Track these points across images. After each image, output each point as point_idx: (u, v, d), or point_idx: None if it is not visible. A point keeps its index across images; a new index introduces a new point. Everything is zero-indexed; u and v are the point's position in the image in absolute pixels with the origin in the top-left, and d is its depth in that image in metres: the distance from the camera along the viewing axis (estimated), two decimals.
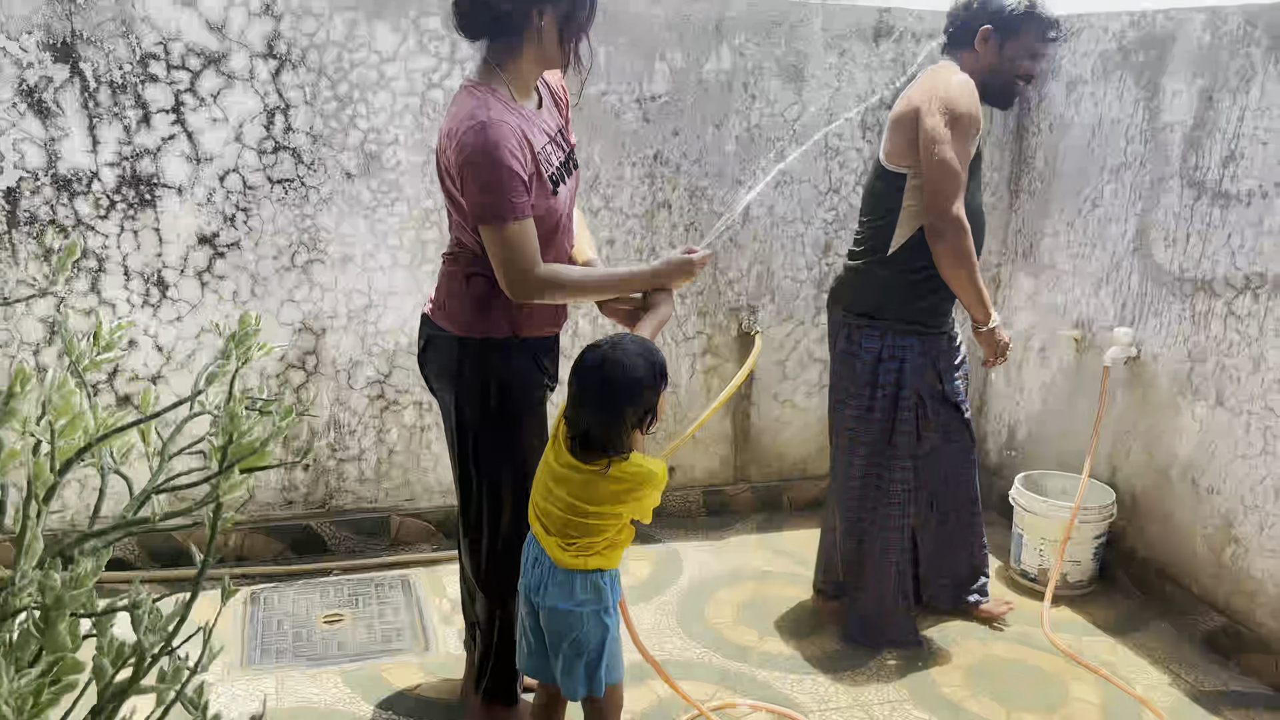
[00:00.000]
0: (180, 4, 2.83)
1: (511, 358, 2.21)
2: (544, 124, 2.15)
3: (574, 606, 1.99)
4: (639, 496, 1.96)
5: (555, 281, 2.09)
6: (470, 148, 1.96)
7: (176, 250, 3.01)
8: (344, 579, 3.22)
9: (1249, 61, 2.87)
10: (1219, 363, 2.99)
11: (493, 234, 2.01)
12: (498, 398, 2.21)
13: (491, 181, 1.96)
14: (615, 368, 1.92)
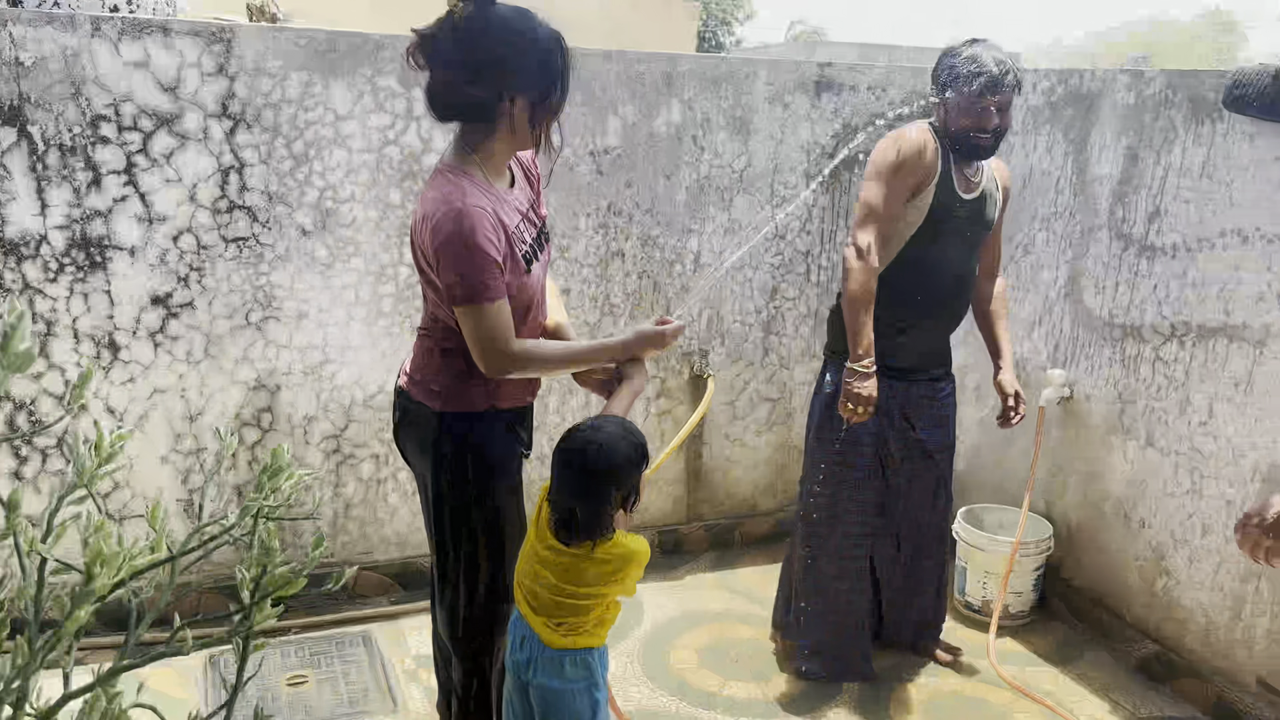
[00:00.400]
0: (132, 65, 2.79)
1: (489, 430, 2.24)
2: (516, 202, 2.18)
3: (565, 685, 2.02)
4: (623, 576, 1.99)
5: (530, 357, 2.12)
6: (445, 233, 1.98)
7: (128, 312, 2.95)
8: (304, 637, 3.19)
9: (1170, 123, 3.05)
10: (1148, 405, 3.17)
11: (468, 315, 2.03)
12: (476, 470, 2.23)
13: (467, 266, 1.99)
14: (598, 452, 1.94)
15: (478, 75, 1.98)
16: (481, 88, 2.00)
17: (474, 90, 2.00)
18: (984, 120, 2.73)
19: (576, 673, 2.03)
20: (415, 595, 3.45)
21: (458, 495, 2.25)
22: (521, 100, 2.03)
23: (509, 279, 2.08)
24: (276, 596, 1.27)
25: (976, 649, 3.29)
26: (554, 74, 2.04)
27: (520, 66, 2.00)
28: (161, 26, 2.80)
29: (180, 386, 3.07)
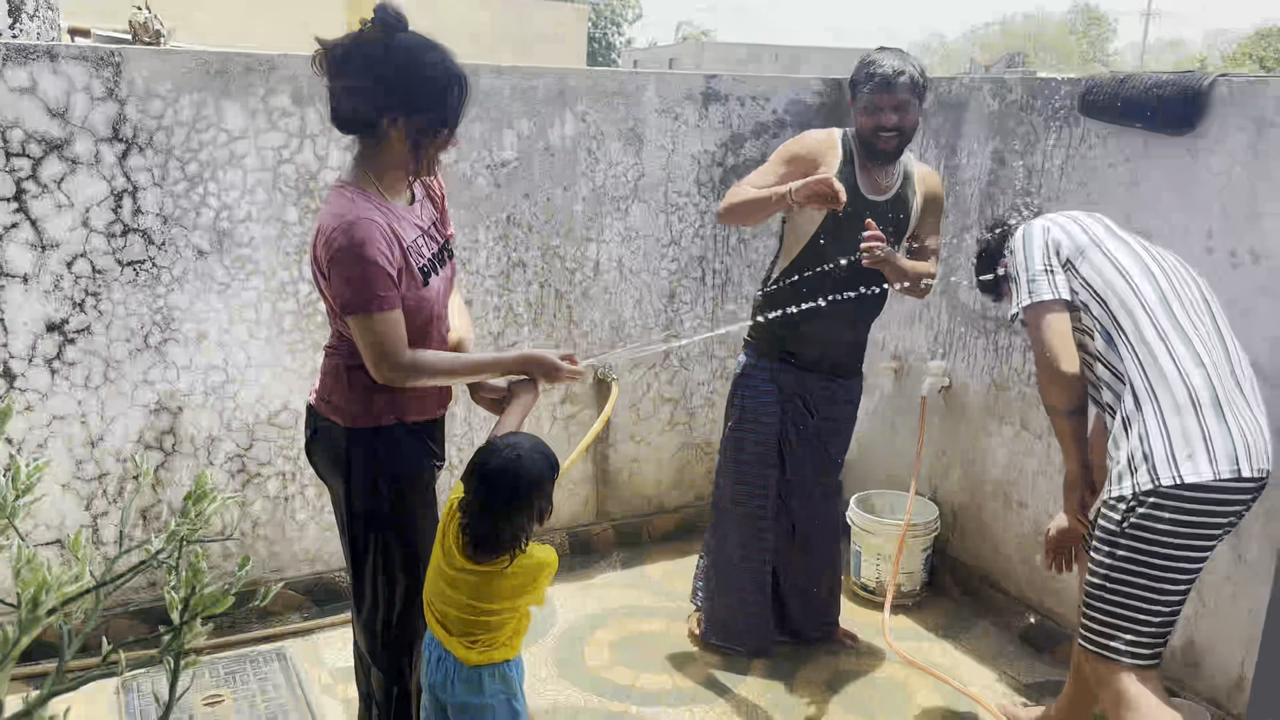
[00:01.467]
0: (18, 91, 2.76)
1: (400, 444, 2.29)
2: (416, 219, 2.23)
3: (485, 700, 2.06)
4: (534, 587, 2.04)
5: (420, 367, 2.16)
6: (337, 245, 2.03)
7: (23, 340, 2.92)
8: (219, 656, 3.19)
9: (1032, 128, 3.28)
10: (1020, 391, 3.39)
11: (359, 325, 2.08)
12: (387, 484, 2.28)
13: (356, 276, 2.03)
14: (521, 472, 1.98)
15: (365, 93, 2.04)
16: (366, 106, 2.06)
17: (360, 107, 2.07)
18: (881, 119, 2.87)
19: (494, 686, 2.07)
20: (328, 610, 3.47)
21: (370, 510, 2.29)
22: (401, 125, 2.08)
23: (405, 291, 2.13)
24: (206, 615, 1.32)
25: (872, 628, 3.48)
26: (441, 108, 2.09)
27: (406, 93, 2.06)
28: (48, 52, 2.78)
29: (80, 412, 3.04)
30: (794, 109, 3.99)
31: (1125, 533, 2.22)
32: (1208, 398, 2.20)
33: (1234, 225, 2.73)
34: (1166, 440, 2.19)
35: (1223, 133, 2.74)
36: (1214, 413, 2.19)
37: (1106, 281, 2.34)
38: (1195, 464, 2.15)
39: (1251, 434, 2.20)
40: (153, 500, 3.20)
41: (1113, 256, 2.37)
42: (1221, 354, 2.27)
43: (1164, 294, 2.31)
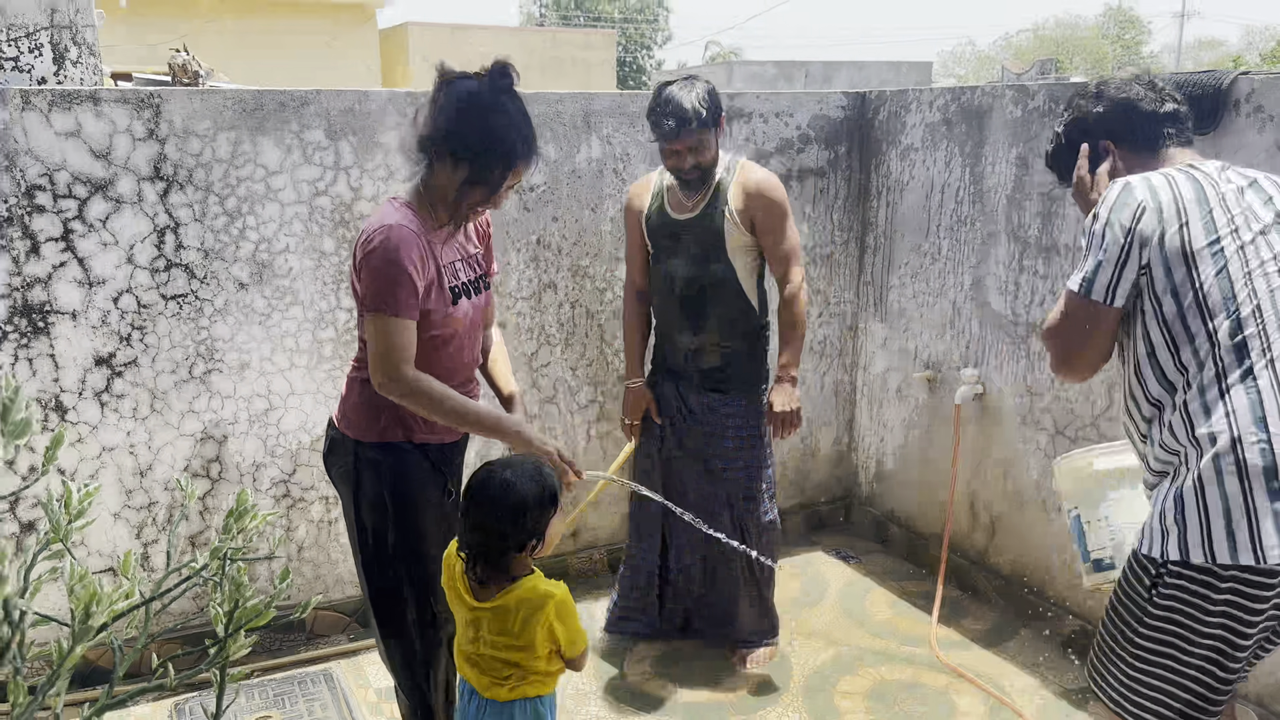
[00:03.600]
0: (64, 135, 2.87)
1: (405, 463, 2.31)
2: (458, 244, 2.32)
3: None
4: (549, 624, 2.00)
5: (418, 389, 2.16)
6: (373, 244, 2.12)
7: (73, 374, 3.02)
8: (267, 679, 3.26)
9: None
10: (1055, 396, 3.39)
11: (373, 323, 2.14)
12: (393, 500, 2.31)
13: (383, 276, 2.11)
14: (503, 487, 1.97)
15: (435, 125, 2.17)
16: (432, 136, 2.18)
17: (428, 134, 2.19)
18: (680, 161, 2.99)
19: (530, 715, 2.07)
20: (373, 631, 3.53)
21: (376, 523, 2.34)
22: (456, 171, 2.17)
23: (433, 307, 2.20)
24: (249, 627, 1.37)
25: (918, 638, 3.47)
26: (485, 171, 2.16)
27: (462, 142, 2.15)
28: (91, 96, 2.89)
29: (129, 443, 3.13)
30: (817, 124, 4.03)
31: (1154, 601, 1.84)
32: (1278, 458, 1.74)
33: None
34: (1202, 509, 1.78)
35: (1245, 130, 2.73)
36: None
37: (1188, 306, 1.82)
38: (1235, 545, 1.74)
39: None
40: (201, 527, 3.29)
41: (1220, 274, 1.81)
42: None
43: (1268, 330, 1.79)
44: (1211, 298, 1.80)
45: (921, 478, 4.06)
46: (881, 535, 4.30)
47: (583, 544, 3.95)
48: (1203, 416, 1.79)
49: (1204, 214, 1.84)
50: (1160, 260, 1.84)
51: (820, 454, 4.40)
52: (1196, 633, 1.80)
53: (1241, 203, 1.87)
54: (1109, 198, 1.90)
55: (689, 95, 2.91)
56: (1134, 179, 1.92)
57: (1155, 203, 1.86)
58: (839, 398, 4.38)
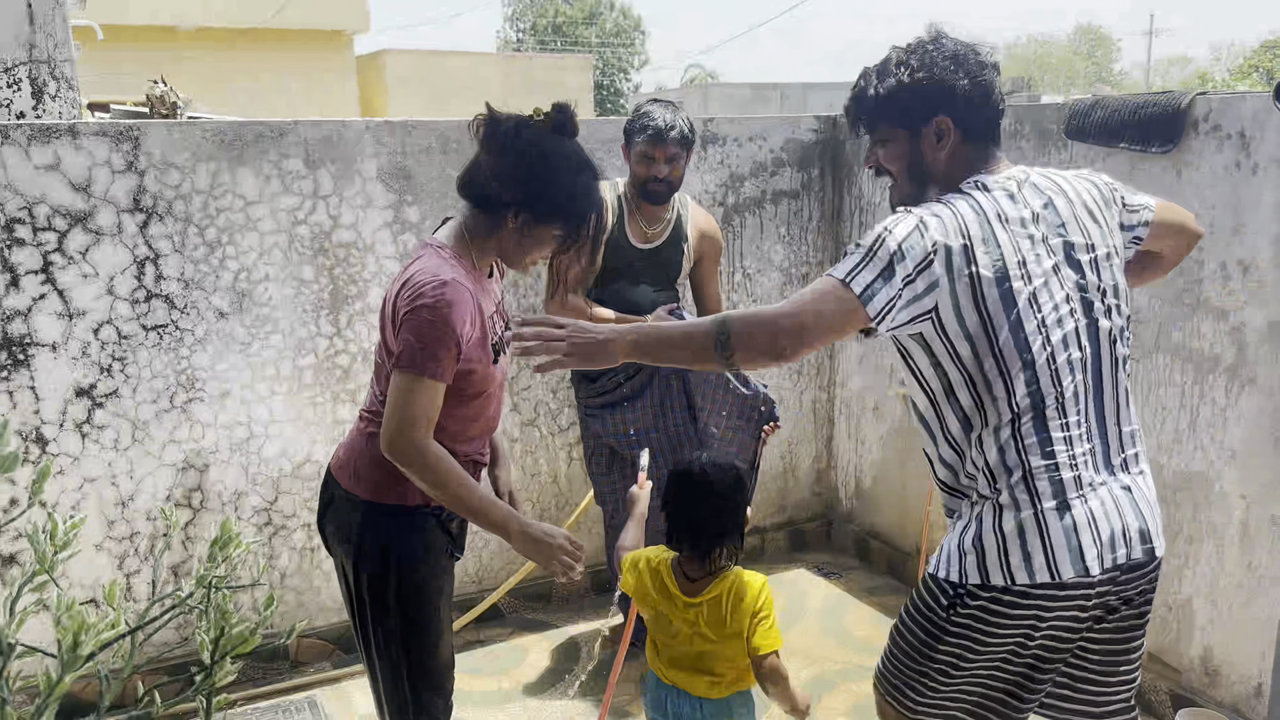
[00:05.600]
0: (43, 169, 2.89)
1: (417, 526, 2.16)
2: (494, 293, 2.21)
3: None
4: (752, 612, 2.09)
5: (429, 462, 2.02)
6: (425, 299, 1.97)
7: (54, 405, 3.03)
8: (251, 707, 3.26)
9: (1021, 153, 3.36)
10: None
11: (405, 382, 1.99)
12: (400, 567, 2.15)
13: (430, 335, 1.97)
14: (713, 484, 2.12)
15: (507, 178, 2.04)
16: (502, 189, 2.05)
17: (496, 187, 2.06)
18: (653, 169, 3.13)
19: (744, 708, 2.20)
20: (356, 658, 3.52)
21: (377, 591, 2.16)
22: (524, 225, 2.08)
23: (475, 366, 2.08)
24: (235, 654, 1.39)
25: None
26: (571, 228, 2.09)
27: (545, 198, 2.05)
28: (70, 129, 2.92)
29: (110, 474, 3.14)
30: (790, 147, 4.09)
31: (952, 621, 1.86)
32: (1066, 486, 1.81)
33: (1221, 238, 2.79)
34: (999, 533, 1.81)
35: (1204, 148, 2.81)
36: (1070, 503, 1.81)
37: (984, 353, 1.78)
38: (1031, 566, 1.79)
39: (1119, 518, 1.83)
40: (183, 556, 3.29)
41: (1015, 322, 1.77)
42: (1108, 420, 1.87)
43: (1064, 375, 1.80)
44: (1005, 347, 1.77)
45: (900, 493, 4.10)
46: (862, 551, 4.33)
47: None
48: (996, 453, 1.81)
49: (993, 258, 1.76)
50: (951, 306, 1.76)
51: (800, 472, 4.44)
52: (994, 651, 1.84)
53: (1034, 234, 1.81)
54: (898, 231, 1.76)
55: (674, 112, 3.16)
56: (925, 216, 1.77)
57: (943, 248, 1.74)
58: (817, 416, 4.43)
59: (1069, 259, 1.83)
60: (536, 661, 3.53)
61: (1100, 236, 1.88)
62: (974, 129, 1.87)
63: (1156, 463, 3.03)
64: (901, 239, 1.74)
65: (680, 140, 3.13)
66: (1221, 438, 2.85)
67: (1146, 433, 3.05)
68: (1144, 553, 1.85)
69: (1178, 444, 2.97)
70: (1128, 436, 1.89)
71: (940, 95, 1.84)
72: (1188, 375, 2.92)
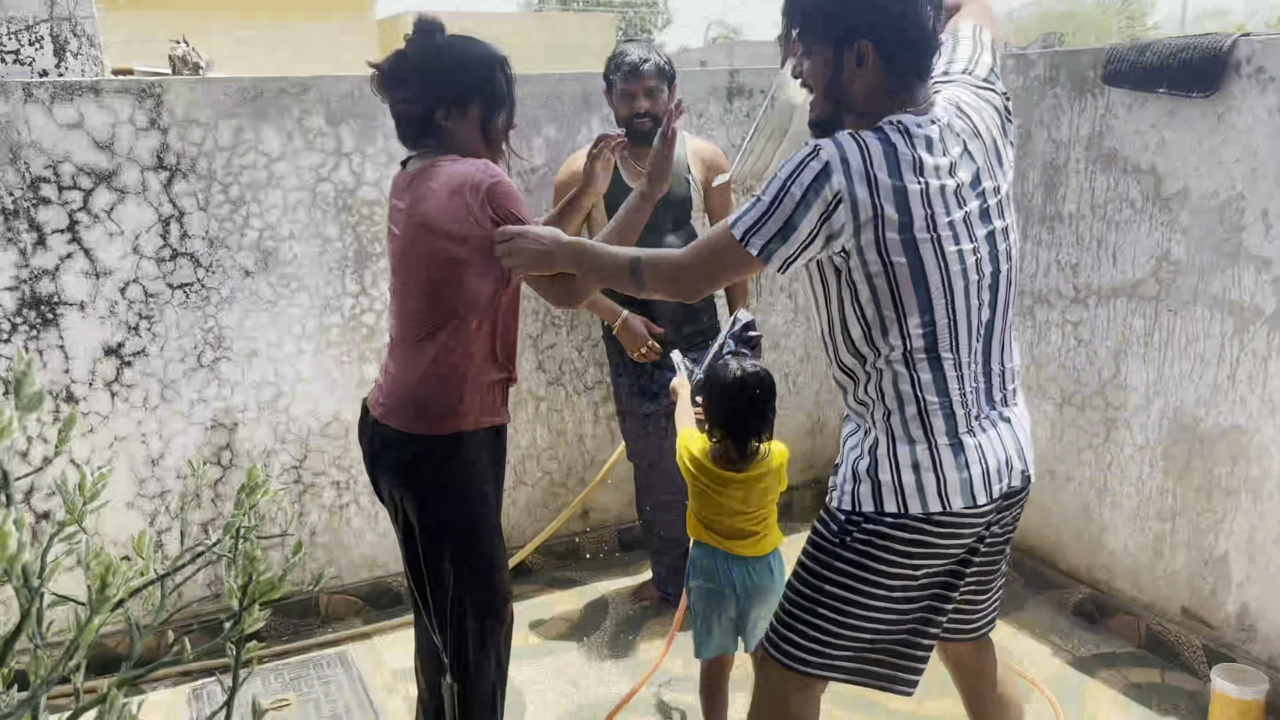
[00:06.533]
0: (67, 127, 2.88)
1: (472, 454, 2.23)
2: None
3: (777, 579, 2.52)
4: (783, 476, 2.52)
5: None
6: (496, 175, 2.09)
7: (83, 365, 3.04)
8: (283, 663, 3.29)
9: (1057, 101, 3.28)
10: (1060, 365, 3.39)
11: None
12: (458, 495, 2.22)
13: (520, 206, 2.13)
14: (759, 380, 2.41)
15: (421, 96, 2.13)
16: (425, 107, 2.14)
17: (419, 110, 2.14)
18: (634, 105, 3.13)
19: (780, 566, 2.54)
20: (386, 614, 3.56)
21: (440, 520, 2.22)
22: (470, 117, 2.17)
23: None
24: (263, 601, 1.39)
25: None
26: (498, 92, 2.18)
27: (459, 85, 2.14)
28: (92, 87, 2.90)
29: (140, 432, 3.16)
30: None
31: (849, 548, 1.92)
32: (958, 420, 1.87)
33: (1263, 185, 2.71)
34: (893, 463, 1.87)
35: (1247, 93, 2.72)
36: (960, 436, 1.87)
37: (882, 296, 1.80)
38: (924, 496, 1.85)
39: (1004, 449, 1.91)
40: (213, 514, 3.32)
41: (915, 269, 1.77)
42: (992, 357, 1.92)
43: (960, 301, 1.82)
44: (906, 295, 1.78)
45: None
46: None
47: (593, 524, 3.97)
48: (891, 386, 1.86)
49: (900, 208, 1.73)
50: (857, 250, 1.75)
51: (828, 430, 4.40)
52: (885, 584, 1.91)
53: (947, 184, 1.77)
54: (803, 178, 1.72)
55: (647, 48, 3.17)
56: (832, 159, 1.71)
57: (848, 196, 1.71)
58: None
59: (980, 208, 1.83)
60: (566, 616, 3.54)
61: (1004, 175, 1.90)
62: (899, 62, 1.78)
63: (1193, 416, 2.97)
64: (806, 186, 1.72)
65: (657, 72, 3.12)
66: (1262, 390, 2.79)
67: (1183, 385, 2.99)
68: (1021, 478, 1.97)
69: (1217, 396, 2.91)
70: (1009, 372, 1.97)
71: (866, 18, 1.76)
72: (1227, 327, 2.85)
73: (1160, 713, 2.91)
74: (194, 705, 3.07)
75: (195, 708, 3.06)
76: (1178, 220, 2.96)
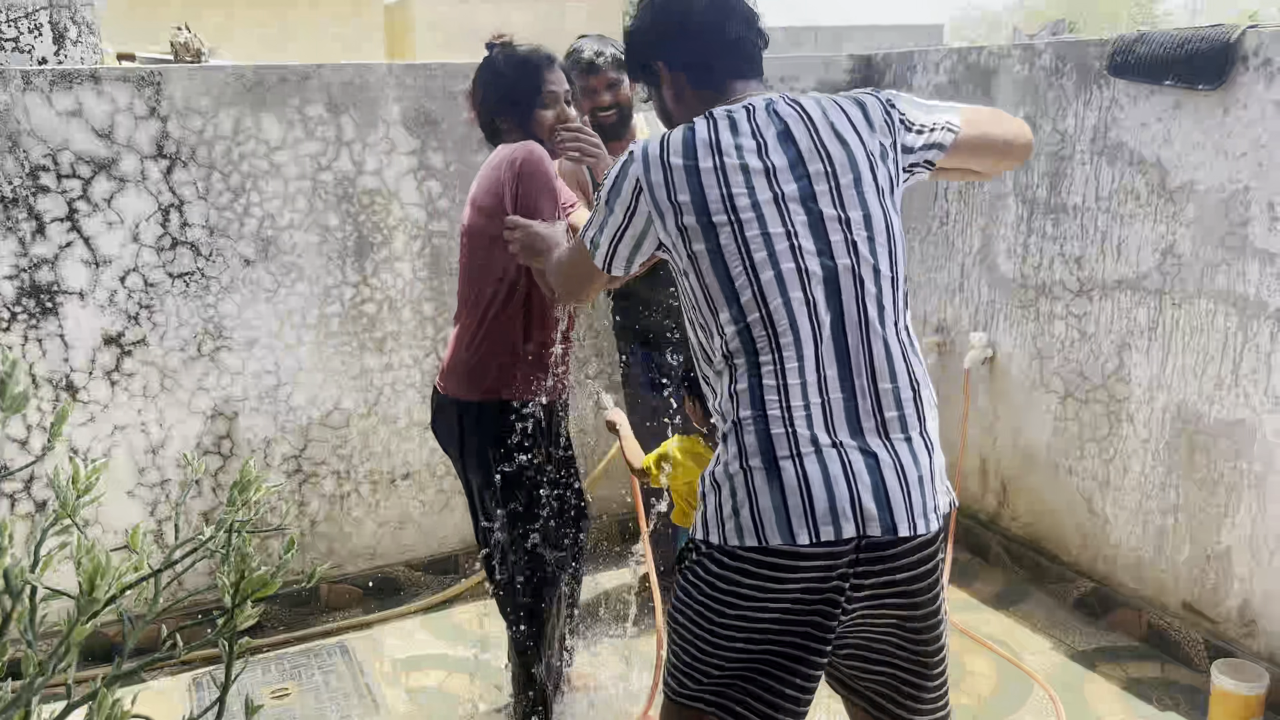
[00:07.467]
0: (65, 115, 2.87)
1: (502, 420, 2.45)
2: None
3: None
4: None
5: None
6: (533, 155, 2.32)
7: (82, 354, 3.04)
8: (282, 653, 3.30)
9: (1063, 92, 3.25)
10: (1064, 358, 3.37)
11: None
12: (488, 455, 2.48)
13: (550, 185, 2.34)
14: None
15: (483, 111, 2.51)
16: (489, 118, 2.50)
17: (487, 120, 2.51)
18: (596, 99, 3.09)
19: None
20: (387, 603, 3.57)
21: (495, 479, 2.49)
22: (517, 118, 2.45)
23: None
24: (256, 597, 1.39)
25: None
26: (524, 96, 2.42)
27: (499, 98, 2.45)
28: (91, 75, 2.89)
29: (140, 421, 3.16)
30: (824, 88, 3.99)
31: (684, 577, 1.73)
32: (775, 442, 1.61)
33: (1270, 177, 2.68)
34: (717, 488, 1.66)
35: (1254, 85, 2.70)
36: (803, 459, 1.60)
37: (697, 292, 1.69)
38: (740, 526, 1.61)
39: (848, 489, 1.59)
40: (214, 504, 3.32)
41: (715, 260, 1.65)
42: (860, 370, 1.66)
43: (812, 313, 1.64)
44: (712, 285, 1.66)
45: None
46: None
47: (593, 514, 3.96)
48: (722, 397, 1.69)
49: (694, 190, 1.66)
50: (670, 243, 1.70)
51: None
52: (725, 620, 1.65)
53: (753, 165, 1.66)
54: (612, 173, 1.74)
55: (602, 41, 3.12)
56: (635, 149, 1.72)
57: (646, 183, 1.68)
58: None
59: (801, 190, 1.65)
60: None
61: (847, 161, 1.68)
62: (700, 72, 1.81)
63: (1196, 410, 2.96)
64: (613, 181, 1.74)
65: (615, 63, 3.07)
66: (1266, 384, 2.77)
67: (1187, 379, 2.97)
68: (883, 531, 1.58)
69: (1220, 390, 2.89)
70: (888, 395, 1.65)
71: (652, 41, 1.84)
72: (1232, 321, 2.83)
73: (1161, 707, 2.91)
74: (194, 694, 3.08)
75: (195, 696, 3.07)
76: (1183, 213, 2.93)
